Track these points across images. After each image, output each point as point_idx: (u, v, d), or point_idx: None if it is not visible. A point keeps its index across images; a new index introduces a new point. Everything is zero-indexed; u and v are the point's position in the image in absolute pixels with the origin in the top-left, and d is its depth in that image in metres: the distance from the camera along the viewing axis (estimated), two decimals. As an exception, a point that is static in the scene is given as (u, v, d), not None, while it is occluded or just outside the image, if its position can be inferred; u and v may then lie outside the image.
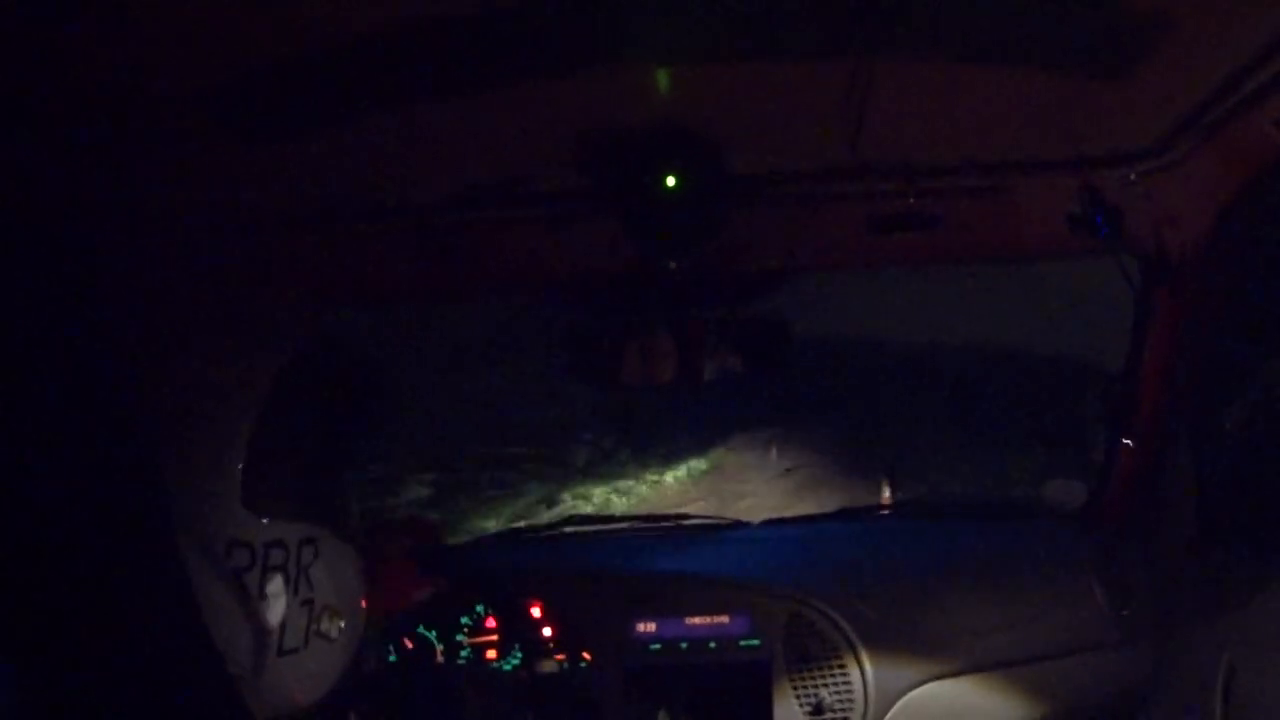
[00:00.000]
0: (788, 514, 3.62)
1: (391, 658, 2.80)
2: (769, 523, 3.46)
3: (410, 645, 2.82)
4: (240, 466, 1.68)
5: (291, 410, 1.81)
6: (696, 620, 2.82)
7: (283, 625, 1.71)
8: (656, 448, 11.66)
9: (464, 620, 2.84)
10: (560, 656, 2.80)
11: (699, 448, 11.80)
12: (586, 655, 2.80)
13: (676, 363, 2.54)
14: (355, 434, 2.14)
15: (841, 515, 3.56)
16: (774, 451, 11.83)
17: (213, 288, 2.21)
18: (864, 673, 2.73)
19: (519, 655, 2.82)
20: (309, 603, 1.76)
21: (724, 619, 2.81)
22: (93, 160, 1.80)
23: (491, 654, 2.83)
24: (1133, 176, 2.29)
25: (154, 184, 1.99)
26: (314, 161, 2.04)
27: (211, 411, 1.71)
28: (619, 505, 9.88)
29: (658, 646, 2.82)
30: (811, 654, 2.76)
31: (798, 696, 2.75)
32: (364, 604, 1.98)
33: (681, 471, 11.31)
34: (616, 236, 2.27)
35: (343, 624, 1.86)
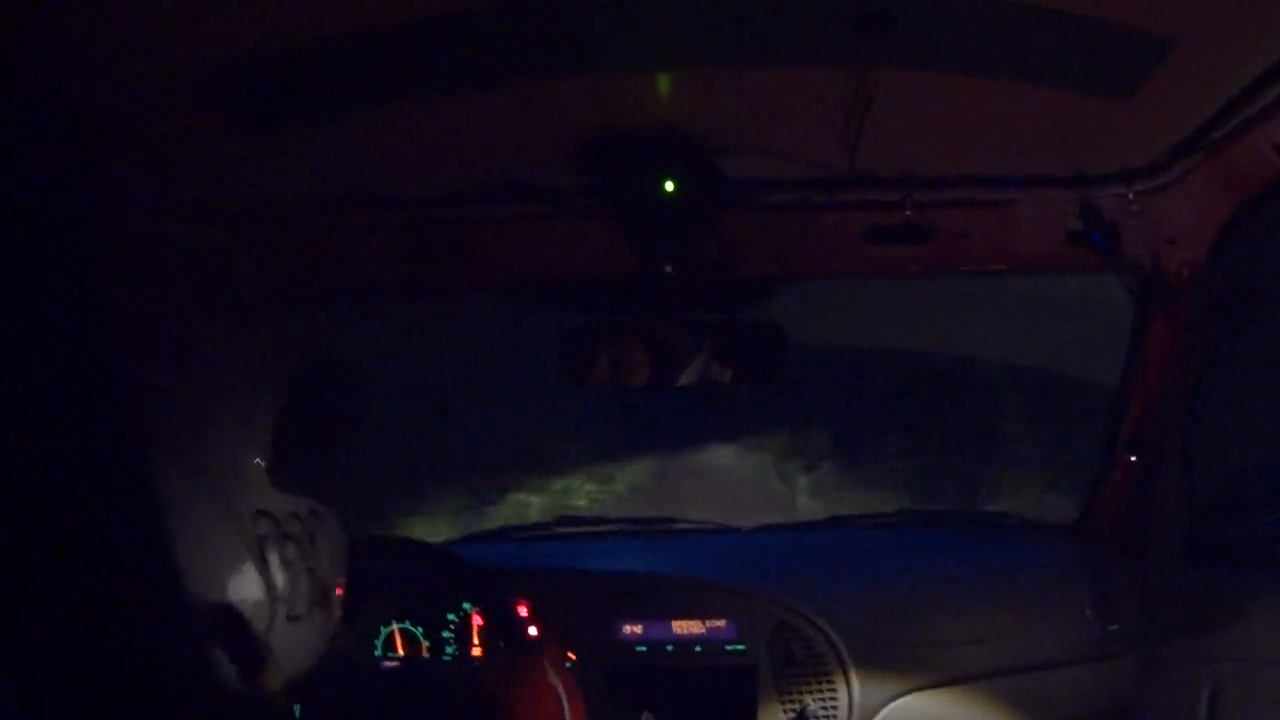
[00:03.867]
0: (778, 520, 3.61)
1: (376, 653, 2.79)
2: (759, 528, 3.45)
3: (396, 641, 2.82)
4: (268, 441, 1.71)
5: (302, 390, 1.83)
6: (683, 623, 2.81)
7: (291, 591, 1.74)
8: (648, 450, 11.65)
9: (450, 617, 2.83)
10: (546, 656, 2.80)
11: (690, 452, 11.80)
12: (572, 655, 2.79)
13: (668, 367, 2.55)
14: (349, 418, 2.17)
15: (832, 523, 3.56)
16: (765, 458, 11.83)
17: (227, 276, 2.22)
18: (849, 681, 2.73)
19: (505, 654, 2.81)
20: (313, 571, 1.79)
21: (711, 623, 2.81)
22: (82, 148, 1.80)
23: (477, 652, 2.82)
24: (1132, 195, 2.30)
25: (147, 174, 1.99)
26: (307, 155, 2.04)
27: (238, 389, 1.74)
28: (609, 506, 9.85)
29: (644, 648, 2.81)
30: (797, 661, 2.75)
31: (782, 703, 2.74)
32: (340, 589, 2.00)
33: (672, 475, 11.29)
34: (613, 238, 2.27)
35: (335, 598, 1.89)
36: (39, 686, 1.38)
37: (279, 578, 1.71)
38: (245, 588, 1.64)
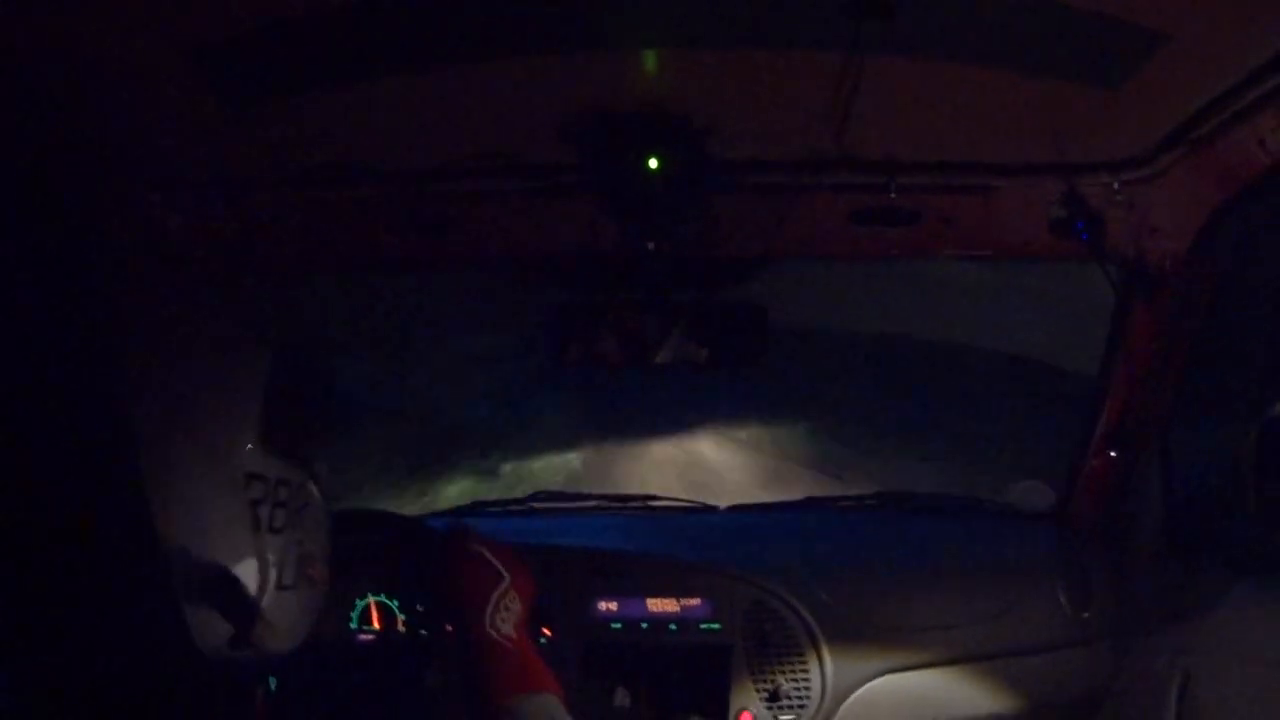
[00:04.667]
0: (756, 500, 3.62)
1: (352, 624, 2.79)
2: (736, 508, 3.46)
3: (371, 614, 2.81)
4: (260, 406, 1.72)
5: (288, 360, 1.84)
6: (658, 601, 2.82)
7: (282, 560, 1.75)
8: (628, 428, 11.66)
9: (426, 591, 2.83)
10: None
11: (670, 430, 11.81)
12: (546, 631, 2.80)
13: (650, 347, 2.54)
14: (334, 397, 2.18)
15: (809, 504, 3.57)
16: (745, 437, 11.85)
17: (216, 250, 2.22)
18: (822, 662, 2.74)
19: None
20: (300, 544, 1.80)
21: (686, 601, 2.81)
22: (72, 125, 1.79)
23: (452, 626, 2.83)
24: (1117, 185, 2.30)
25: (137, 146, 1.98)
26: (290, 130, 2.03)
27: (235, 367, 1.75)
28: (586, 483, 9.86)
29: (618, 626, 2.82)
30: (771, 641, 2.76)
31: (755, 682, 2.76)
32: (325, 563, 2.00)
33: (651, 453, 11.31)
34: (597, 215, 2.26)
35: (319, 572, 1.90)
36: (35, 647, 1.39)
37: (270, 544, 1.73)
38: (240, 550, 1.67)
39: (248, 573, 1.68)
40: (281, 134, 2.06)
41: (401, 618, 2.81)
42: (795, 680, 2.74)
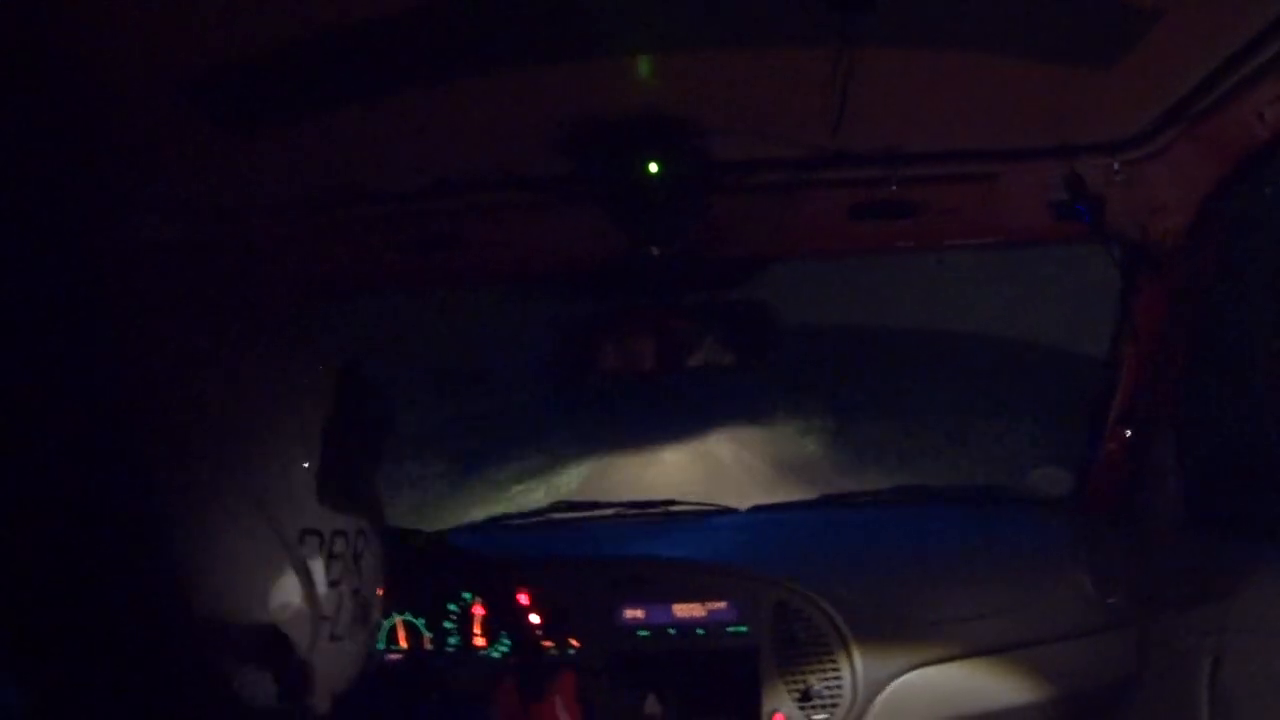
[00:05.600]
0: (775, 500, 3.61)
1: (379, 645, 2.79)
2: (756, 509, 3.46)
3: (398, 633, 2.82)
4: (315, 458, 1.70)
5: (344, 407, 1.82)
6: (684, 607, 2.82)
7: (337, 611, 1.73)
8: (643, 434, 11.66)
9: (451, 608, 2.84)
10: (548, 643, 2.81)
11: (685, 434, 11.80)
12: (574, 642, 2.80)
13: (659, 350, 2.55)
14: (385, 430, 2.16)
15: (828, 501, 3.56)
16: (761, 437, 11.84)
17: (254, 288, 2.22)
18: (852, 659, 2.74)
19: (507, 643, 2.82)
20: (357, 590, 1.78)
21: (711, 605, 2.82)
22: (73, 151, 1.79)
23: (479, 641, 2.83)
24: (1116, 165, 2.30)
25: (137, 174, 1.98)
26: (296, 150, 2.04)
27: (287, 408, 1.73)
28: (606, 491, 9.87)
29: (645, 633, 2.82)
30: (799, 641, 2.76)
31: (786, 683, 2.75)
32: (381, 599, 1.99)
33: (668, 457, 11.31)
34: (599, 223, 2.27)
35: (375, 612, 1.89)
36: (77, 707, 1.38)
37: (324, 598, 1.71)
38: (290, 609, 1.63)
39: (299, 630, 1.67)
40: (283, 158, 2.07)
41: (428, 635, 2.81)
42: (826, 679, 2.74)
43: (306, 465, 1.67)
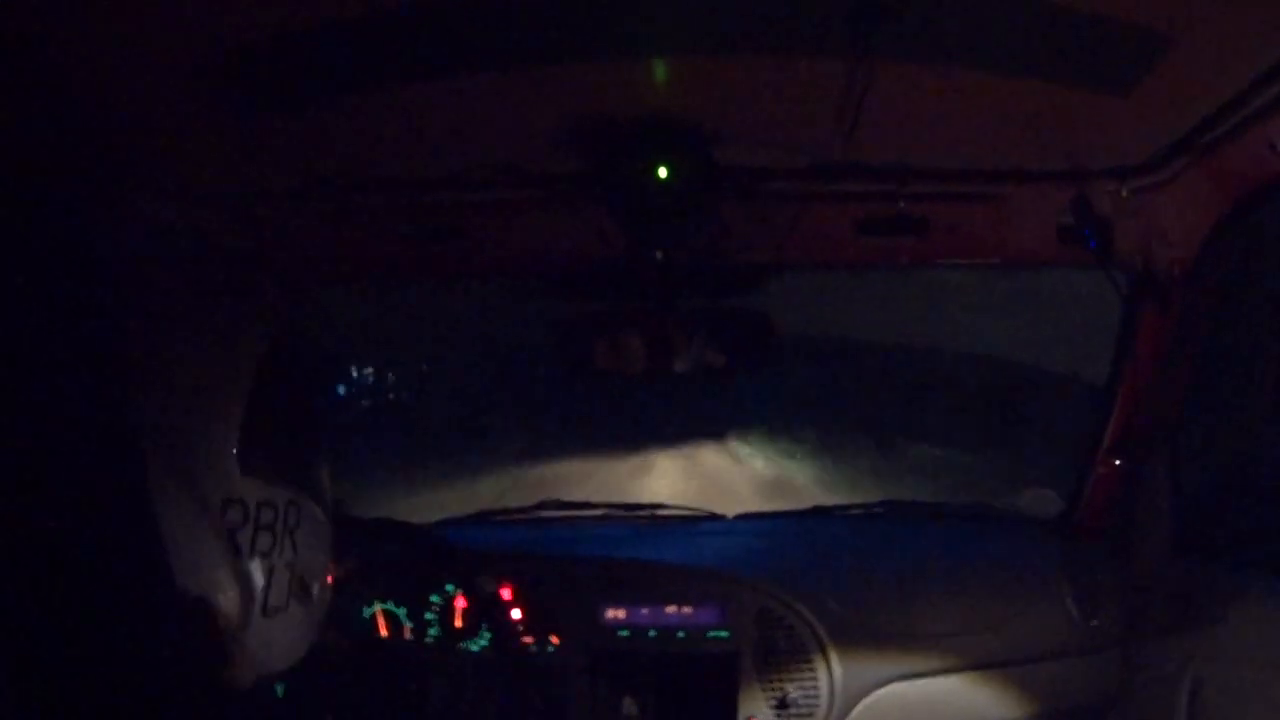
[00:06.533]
0: (763, 509, 3.62)
1: (360, 632, 2.79)
2: (744, 516, 3.46)
3: (378, 622, 2.82)
4: (237, 428, 1.70)
5: (276, 377, 1.82)
6: (666, 609, 2.82)
7: (268, 584, 1.73)
8: (635, 438, 11.66)
9: (433, 599, 2.83)
10: (529, 639, 2.81)
11: (677, 440, 11.80)
12: (555, 639, 2.80)
13: (657, 352, 2.55)
14: (328, 407, 2.16)
15: (817, 512, 3.56)
16: (752, 448, 11.84)
17: (206, 263, 2.21)
18: (831, 669, 2.74)
19: (487, 636, 2.81)
20: (291, 565, 1.78)
21: (694, 609, 2.81)
22: (83, 135, 1.79)
23: (460, 633, 2.83)
24: (1125, 192, 2.30)
25: (148, 158, 1.98)
26: (304, 138, 2.04)
27: (211, 376, 1.73)
28: (595, 492, 9.87)
29: (626, 633, 2.82)
30: (779, 648, 2.76)
31: (764, 690, 2.75)
32: (330, 578, 1.99)
33: (659, 462, 11.31)
34: (606, 224, 2.26)
35: (318, 589, 1.88)
36: (25, 681, 1.38)
37: (254, 570, 1.70)
38: (218, 582, 1.64)
39: (228, 599, 1.67)
40: (293, 145, 2.07)
41: (409, 625, 2.81)
42: (803, 687, 2.74)
43: (233, 436, 1.68)
